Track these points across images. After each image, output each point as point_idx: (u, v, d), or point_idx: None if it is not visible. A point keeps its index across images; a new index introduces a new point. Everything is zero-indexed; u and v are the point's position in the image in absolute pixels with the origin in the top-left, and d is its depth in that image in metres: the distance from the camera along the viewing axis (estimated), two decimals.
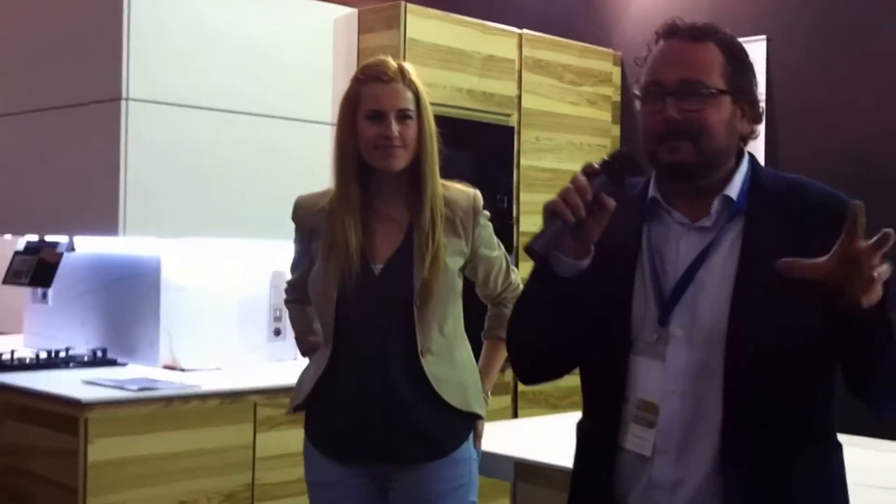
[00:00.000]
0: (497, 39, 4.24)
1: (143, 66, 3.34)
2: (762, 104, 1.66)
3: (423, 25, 3.90)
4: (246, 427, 3.22)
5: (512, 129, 4.28)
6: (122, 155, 3.29)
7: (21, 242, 3.80)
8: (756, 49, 4.64)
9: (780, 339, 1.53)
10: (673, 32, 1.63)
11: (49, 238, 3.69)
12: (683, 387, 1.58)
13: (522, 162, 4.30)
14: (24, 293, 4.03)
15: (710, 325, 1.57)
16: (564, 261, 1.56)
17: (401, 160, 2.17)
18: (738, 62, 1.62)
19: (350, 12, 3.99)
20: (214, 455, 3.15)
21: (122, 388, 3.07)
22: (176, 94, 3.43)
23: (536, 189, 4.31)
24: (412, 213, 2.20)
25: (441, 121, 2.27)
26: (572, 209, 1.50)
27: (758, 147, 4.63)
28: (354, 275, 2.16)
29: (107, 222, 3.30)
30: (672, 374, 1.58)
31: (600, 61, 4.75)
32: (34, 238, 3.74)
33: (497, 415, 3.51)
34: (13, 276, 3.64)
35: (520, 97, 4.34)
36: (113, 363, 3.56)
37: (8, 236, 3.97)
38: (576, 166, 5.59)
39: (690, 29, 1.63)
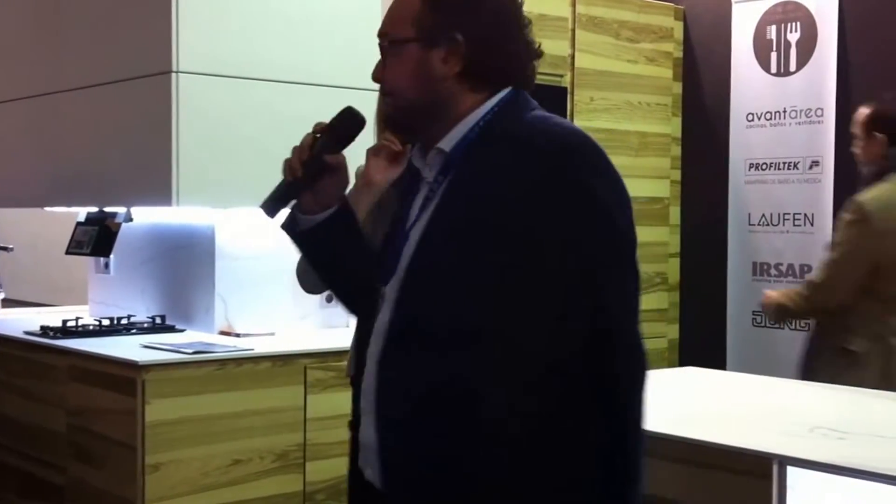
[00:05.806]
0: None
1: (193, 39, 3.56)
2: (531, 40, 1.60)
3: None
4: (297, 389, 3.47)
5: (565, 89, 4.47)
6: (174, 128, 3.53)
7: (82, 213, 4.11)
8: None
9: (438, 311, 1.50)
10: None
11: (108, 209, 3.99)
12: (375, 348, 1.58)
13: (576, 123, 4.46)
14: (88, 265, 4.40)
15: (395, 287, 1.57)
16: (297, 216, 1.66)
17: None
18: (441, 3, 1.56)
19: None
20: (267, 415, 3.41)
21: (177, 350, 3.36)
22: (225, 66, 3.63)
23: None
24: None
25: None
26: (291, 169, 1.63)
27: (829, 98, 4.70)
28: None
29: (161, 193, 3.55)
30: (374, 334, 1.59)
31: (661, 16, 4.88)
32: (94, 209, 4.06)
33: None
34: (75, 246, 3.97)
35: (573, 56, 4.51)
36: (171, 329, 3.87)
37: (65, 208, 4.27)
38: (634, 126, 5.73)
39: None
